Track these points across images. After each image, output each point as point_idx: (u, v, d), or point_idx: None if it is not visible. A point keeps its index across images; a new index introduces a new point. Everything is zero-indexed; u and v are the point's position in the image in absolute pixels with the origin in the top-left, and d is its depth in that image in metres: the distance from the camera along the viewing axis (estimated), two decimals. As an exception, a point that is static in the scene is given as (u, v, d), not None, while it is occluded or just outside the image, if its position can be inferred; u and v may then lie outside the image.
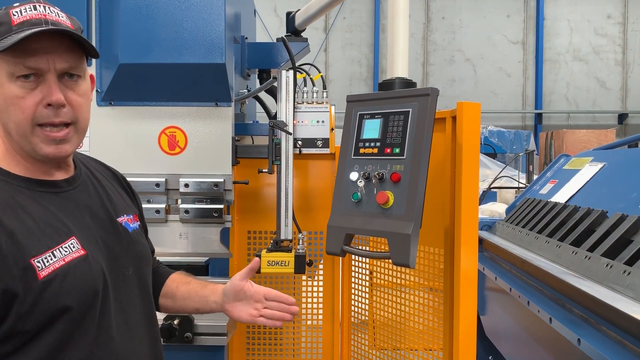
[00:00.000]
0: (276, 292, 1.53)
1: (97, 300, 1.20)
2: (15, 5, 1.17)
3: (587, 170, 2.66)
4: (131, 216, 1.41)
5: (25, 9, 1.16)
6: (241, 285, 1.50)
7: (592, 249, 1.95)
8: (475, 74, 14.81)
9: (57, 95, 1.15)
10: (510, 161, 8.07)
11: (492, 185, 5.57)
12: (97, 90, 1.99)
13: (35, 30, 1.11)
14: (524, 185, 5.57)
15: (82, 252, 1.19)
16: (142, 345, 1.32)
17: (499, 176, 5.61)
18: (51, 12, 1.18)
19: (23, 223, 1.13)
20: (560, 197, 2.64)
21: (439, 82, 14.75)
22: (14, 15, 1.15)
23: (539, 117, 14.99)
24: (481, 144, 11.03)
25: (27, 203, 1.16)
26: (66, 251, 1.16)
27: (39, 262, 1.11)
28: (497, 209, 4.72)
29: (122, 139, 2.01)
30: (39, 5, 1.17)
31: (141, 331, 1.32)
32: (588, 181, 2.56)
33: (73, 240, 1.18)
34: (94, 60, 1.92)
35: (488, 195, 5.48)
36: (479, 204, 5.11)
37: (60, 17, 1.18)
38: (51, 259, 1.13)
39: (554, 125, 14.37)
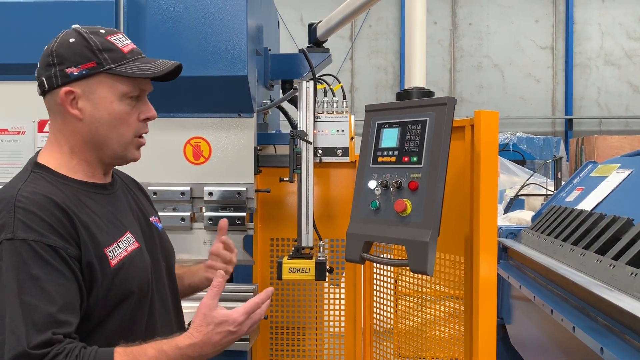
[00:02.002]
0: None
1: (150, 288, 1.37)
2: (103, 32, 1.33)
3: (614, 178, 2.62)
4: (157, 217, 1.56)
5: (121, 38, 1.35)
6: (217, 247, 1.67)
7: (617, 257, 1.93)
8: (503, 80, 14.63)
9: (154, 112, 1.39)
10: (538, 168, 7.94)
11: (519, 193, 5.50)
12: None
13: (170, 67, 1.35)
14: (552, 193, 5.48)
15: (137, 244, 1.37)
16: (174, 333, 1.42)
17: (527, 183, 5.54)
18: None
19: (92, 219, 1.29)
20: (587, 204, 2.60)
21: (466, 89, 14.63)
22: (118, 43, 1.33)
23: (569, 123, 14.69)
24: (510, 150, 10.89)
25: (89, 203, 1.32)
26: (126, 244, 1.34)
27: (110, 251, 1.28)
28: (524, 216, 4.66)
29: (149, 149, 2.04)
30: (125, 35, 1.37)
31: (172, 320, 1.46)
32: (615, 188, 2.52)
33: (129, 235, 1.36)
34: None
35: (516, 203, 5.41)
36: (507, 212, 5.05)
37: None
38: (117, 250, 1.30)
39: (585, 131, 14.05)
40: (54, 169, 1.32)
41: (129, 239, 1.35)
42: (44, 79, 1.30)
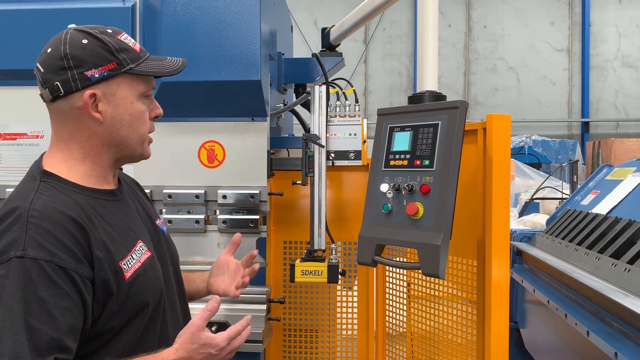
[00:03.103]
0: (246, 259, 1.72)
1: (163, 296, 1.34)
2: (111, 32, 1.31)
3: (630, 181, 2.60)
4: (161, 219, 1.55)
5: (127, 37, 1.34)
6: (225, 259, 1.69)
7: (632, 261, 1.91)
8: (518, 82, 14.53)
9: (161, 109, 1.41)
10: (554, 171, 7.86)
11: (534, 196, 5.45)
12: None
13: (182, 64, 1.39)
14: (567, 196, 5.43)
15: (149, 253, 1.35)
16: None
17: (542, 187, 5.49)
18: None
19: (106, 230, 1.25)
20: (602, 208, 2.58)
21: (481, 92, 14.54)
22: (128, 42, 1.32)
23: (585, 126, 14.53)
24: (525, 153, 10.80)
25: (102, 211, 1.28)
26: (139, 253, 1.31)
27: (124, 264, 1.25)
28: (539, 220, 4.62)
29: (164, 153, 2.11)
30: (127, 34, 1.36)
31: (182, 325, 1.41)
32: (630, 192, 2.50)
33: (141, 243, 1.33)
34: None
35: (531, 206, 5.36)
36: (522, 215, 5.02)
37: None
38: (131, 261, 1.28)
39: (602, 134, 13.88)
40: (64, 177, 1.27)
41: (141, 248, 1.32)
42: (58, 83, 1.25)
